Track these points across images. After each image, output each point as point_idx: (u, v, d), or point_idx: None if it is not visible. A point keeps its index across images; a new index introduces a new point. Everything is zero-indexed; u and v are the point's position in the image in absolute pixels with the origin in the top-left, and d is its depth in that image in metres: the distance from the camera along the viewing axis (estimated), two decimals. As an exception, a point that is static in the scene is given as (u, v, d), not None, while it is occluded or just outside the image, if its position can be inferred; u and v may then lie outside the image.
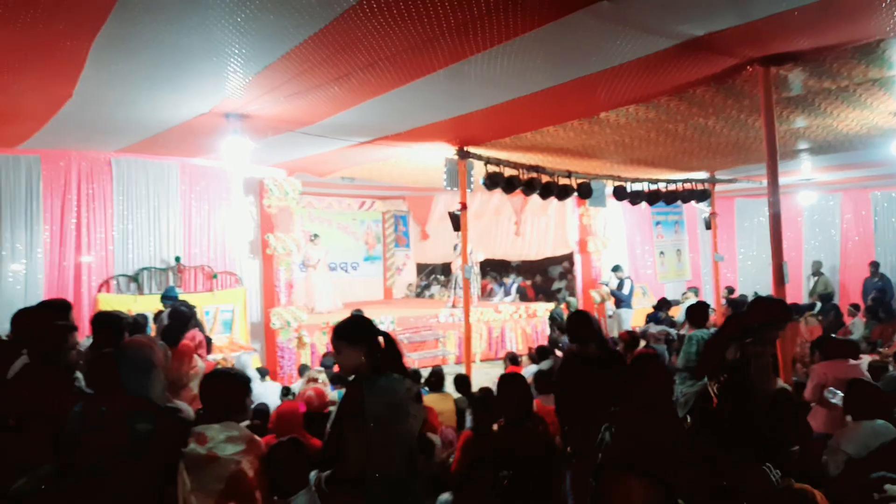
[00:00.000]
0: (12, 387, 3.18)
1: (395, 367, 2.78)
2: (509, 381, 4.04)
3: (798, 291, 12.87)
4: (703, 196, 10.28)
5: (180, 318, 5.09)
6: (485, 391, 5.38)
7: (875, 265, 12.15)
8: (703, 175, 10.47)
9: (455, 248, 12.90)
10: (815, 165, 9.90)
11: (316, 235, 12.49)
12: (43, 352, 3.33)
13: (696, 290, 13.12)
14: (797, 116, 6.53)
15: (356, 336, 2.79)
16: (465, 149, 7.76)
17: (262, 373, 7.42)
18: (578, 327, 4.07)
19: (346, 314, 10.48)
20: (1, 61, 4.59)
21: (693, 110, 6.20)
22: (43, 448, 2.86)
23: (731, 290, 12.90)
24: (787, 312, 3.97)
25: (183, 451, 2.49)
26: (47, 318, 3.71)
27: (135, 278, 8.11)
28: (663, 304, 11.03)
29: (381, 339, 2.82)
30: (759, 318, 3.67)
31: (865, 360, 6.00)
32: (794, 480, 2.75)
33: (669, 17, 4.00)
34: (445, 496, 3.50)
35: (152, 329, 6.54)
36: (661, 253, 14.40)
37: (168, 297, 6.97)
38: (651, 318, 11.49)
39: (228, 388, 2.77)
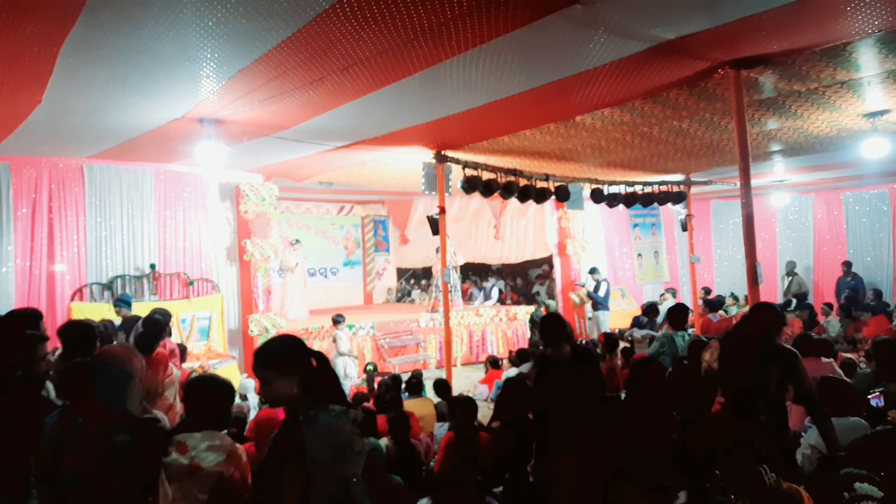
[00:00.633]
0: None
1: (334, 396, 2.37)
2: (510, 384, 4.17)
3: (773, 291, 13.07)
4: (679, 198, 10.38)
5: (155, 325, 4.99)
6: (464, 396, 5.42)
7: (847, 265, 12.38)
8: (678, 177, 10.59)
9: (437, 251, 12.89)
10: (788, 167, 10.08)
11: (297, 241, 12.40)
12: (11, 363, 3.25)
13: (673, 292, 13.25)
14: (769, 118, 6.63)
15: (289, 364, 2.33)
16: (443, 153, 7.76)
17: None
18: (554, 330, 4.10)
19: (313, 322, 10.45)
20: (-34, 67, 4.50)
21: (667, 113, 6.27)
22: (15, 460, 2.80)
23: (707, 291, 13.05)
24: (782, 317, 4.01)
25: (164, 461, 2.43)
26: (16, 328, 3.62)
27: (109, 286, 7.98)
28: (649, 310, 11.08)
29: (314, 361, 2.40)
30: (765, 322, 3.65)
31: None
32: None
33: (641, 20, 4.04)
34: (424, 501, 3.47)
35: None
36: (639, 255, 14.52)
37: (122, 301, 6.82)
38: (635, 323, 11.57)
39: (214, 394, 2.72)
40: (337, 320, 9.01)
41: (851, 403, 3.70)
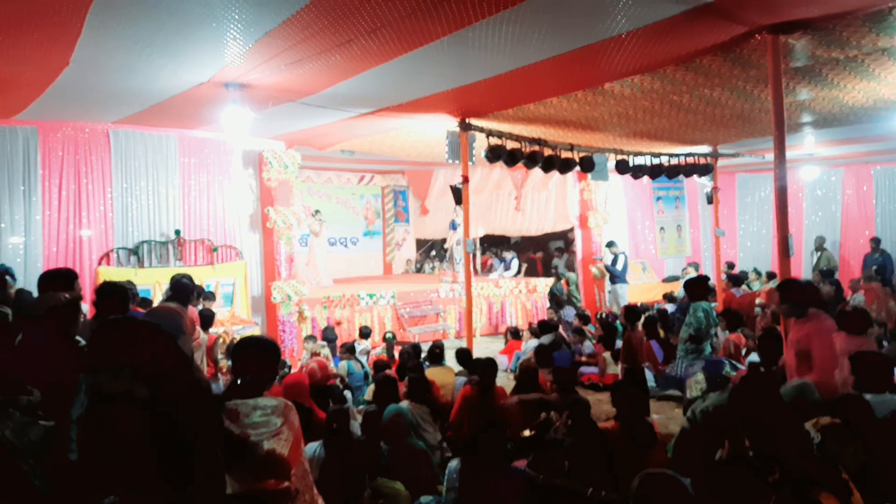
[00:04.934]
0: (23, 357, 3.13)
1: None
2: None
3: (799, 266, 12.89)
4: (705, 170, 10.21)
5: (184, 288, 5.01)
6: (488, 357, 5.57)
7: (876, 241, 12.14)
8: (705, 149, 10.40)
9: (451, 224, 12.89)
10: (818, 139, 9.84)
11: (317, 211, 12.51)
12: (55, 324, 3.26)
13: (696, 266, 13.11)
14: (803, 87, 6.45)
15: None
16: (468, 121, 7.68)
17: None
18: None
19: (334, 291, 10.46)
20: (-4, 27, 4.50)
21: (699, 80, 6.12)
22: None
23: (731, 266, 12.89)
24: None
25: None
26: (53, 289, 3.66)
27: (135, 251, 8.07)
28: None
29: None
30: None
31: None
32: None
33: (680, -20, 3.91)
34: (454, 462, 3.50)
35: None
36: (662, 228, 14.37)
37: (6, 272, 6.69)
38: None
39: (262, 356, 2.62)
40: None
41: (888, 379, 3.60)
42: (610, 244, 12.21)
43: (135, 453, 1.90)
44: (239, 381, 2.57)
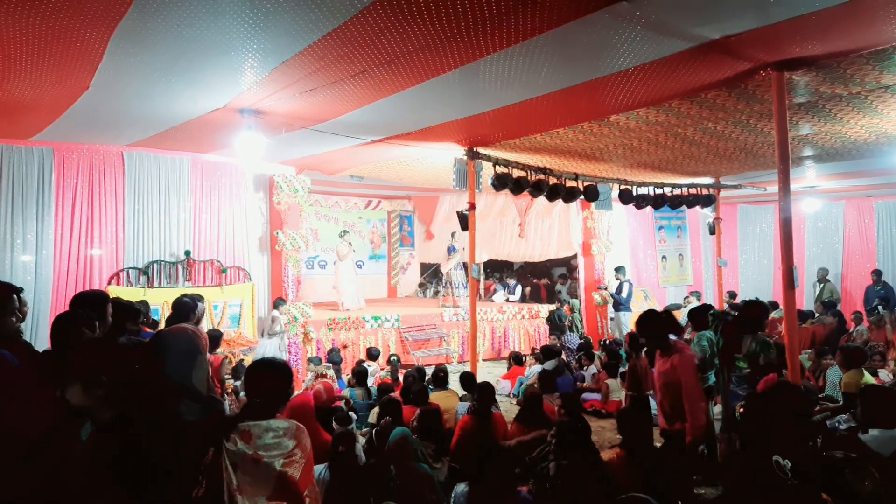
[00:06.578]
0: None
1: None
2: None
3: (801, 298, 12.92)
4: (707, 201, 10.31)
5: (183, 307, 4.99)
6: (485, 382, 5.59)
7: (878, 273, 12.19)
8: (707, 181, 10.51)
9: (448, 250, 12.99)
10: (820, 173, 9.96)
11: (345, 232, 12.54)
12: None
13: (698, 295, 13.14)
14: (807, 122, 6.57)
15: None
16: (475, 149, 7.80)
17: None
18: None
19: (340, 314, 10.53)
20: (21, 52, 4.63)
21: (703, 114, 6.24)
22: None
23: (733, 295, 12.92)
24: None
25: (227, 448, 2.43)
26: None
27: (145, 271, 8.15)
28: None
29: None
30: None
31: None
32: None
33: (687, 18, 4.03)
34: (462, 486, 3.52)
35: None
36: (664, 257, 14.45)
37: None
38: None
39: (275, 378, 2.69)
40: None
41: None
42: (618, 269, 12.26)
43: (105, 475, 1.91)
44: (250, 404, 2.63)
